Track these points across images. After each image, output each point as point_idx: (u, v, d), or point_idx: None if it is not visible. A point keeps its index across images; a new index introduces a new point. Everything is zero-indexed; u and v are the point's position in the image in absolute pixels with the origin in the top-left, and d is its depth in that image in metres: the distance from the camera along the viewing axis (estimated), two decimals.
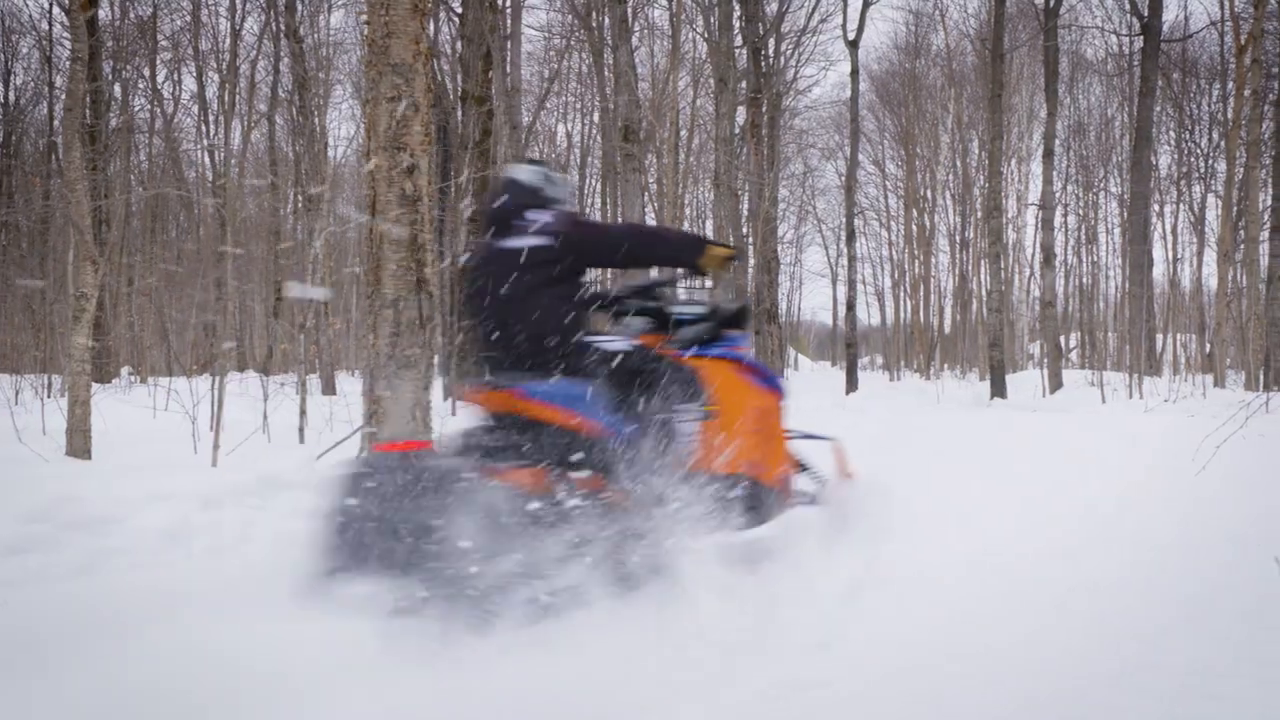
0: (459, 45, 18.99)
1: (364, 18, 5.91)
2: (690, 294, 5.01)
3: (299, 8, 22.48)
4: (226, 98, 25.59)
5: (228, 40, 25.54)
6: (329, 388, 18.19)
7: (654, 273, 5.70)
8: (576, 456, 4.02)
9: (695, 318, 4.79)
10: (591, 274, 5.05)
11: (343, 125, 66.22)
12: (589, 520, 3.81)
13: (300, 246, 19.31)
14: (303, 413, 8.91)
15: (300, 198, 23.15)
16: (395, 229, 5.79)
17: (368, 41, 5.73)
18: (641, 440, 4.13)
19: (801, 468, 5.16)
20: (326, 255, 19.57)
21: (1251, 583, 4.09)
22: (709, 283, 3.74)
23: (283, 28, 22.37)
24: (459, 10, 18.63)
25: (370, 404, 6.47)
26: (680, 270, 4.73)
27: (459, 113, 15.87)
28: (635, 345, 4.36)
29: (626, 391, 4.27)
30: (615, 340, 4.35)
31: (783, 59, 31.23)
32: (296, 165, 23.49)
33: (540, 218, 4.38)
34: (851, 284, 23.67)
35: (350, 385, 15.25)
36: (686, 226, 33.80)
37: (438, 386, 14.82)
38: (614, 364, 4.21)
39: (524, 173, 4.69)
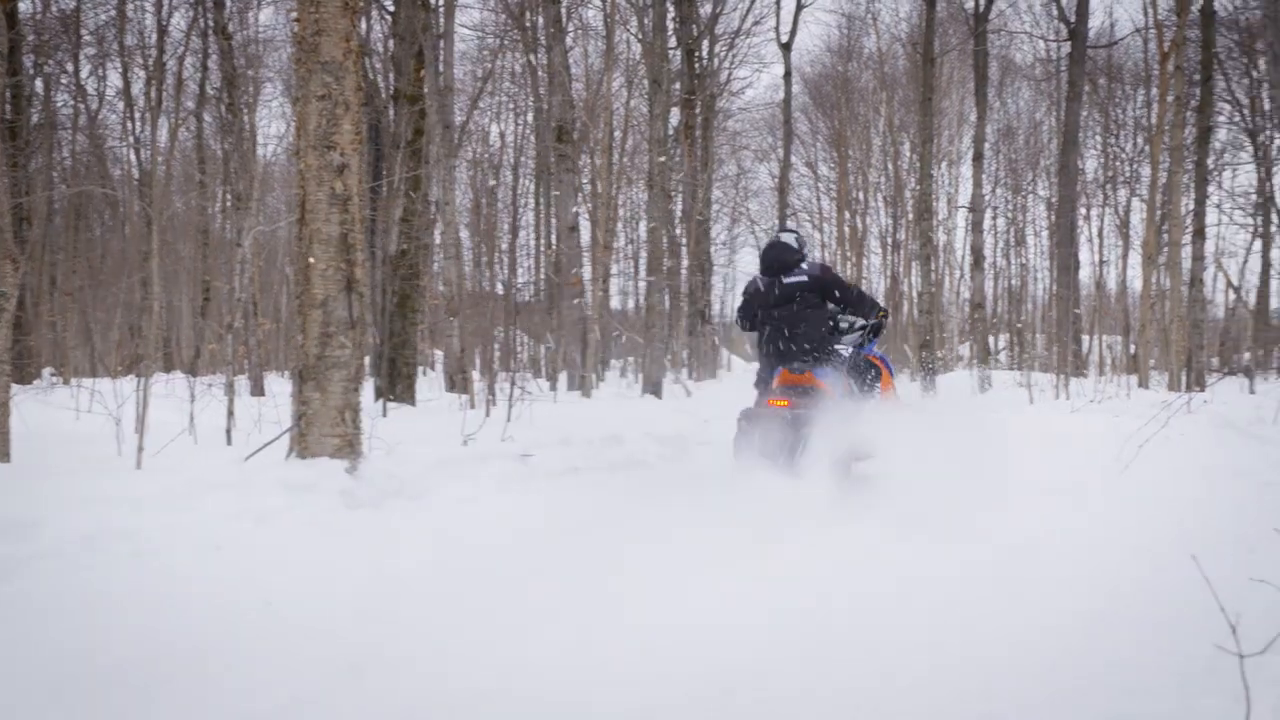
0: (391, 43, 18.83)
1: (294, 15, 5.84)
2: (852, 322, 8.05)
3: (228, 4, 22.16)
4: (153, 94, 25.12)
5: (154, 36, 25.08)
6: (258, 389, 17.92)
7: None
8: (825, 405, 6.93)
9: (862, 331, 7.91)
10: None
11: (273, 123, 65.45)
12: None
13: (229, 245, 19.03)
14: (230, 414, 8.77)
15: (229, 196, 22.83)
16: (325, 228, 5.74)
17: (297, 39, 5.66)
18: (860, 389, 7.64)
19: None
20: (255, 255, 19.32)
21: (1166, 578, 4.16)
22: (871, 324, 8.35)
23: (211, 24, 22.05)
24: (391, 8, 18.47)
25: (298, 405, 6.40)
26: (860, 315, 7.90)
27: (391, 112, 15.72)
28: (851, 350, 7.69)
29: (852, 370, 7.64)
30: (843, 347, 7.68)
31: (717, 61, 31.36)
32: (225, 163, 23.13)
33: (806, 265, 7.60)
34: None
35: (280, 386, 15.04)
36: (620, 228, 34.08)
37: (369, 388, 14.68)
38: (845, 359, 7.60)
39: (790, 237, 7.89)
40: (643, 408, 14.50)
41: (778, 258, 7.64)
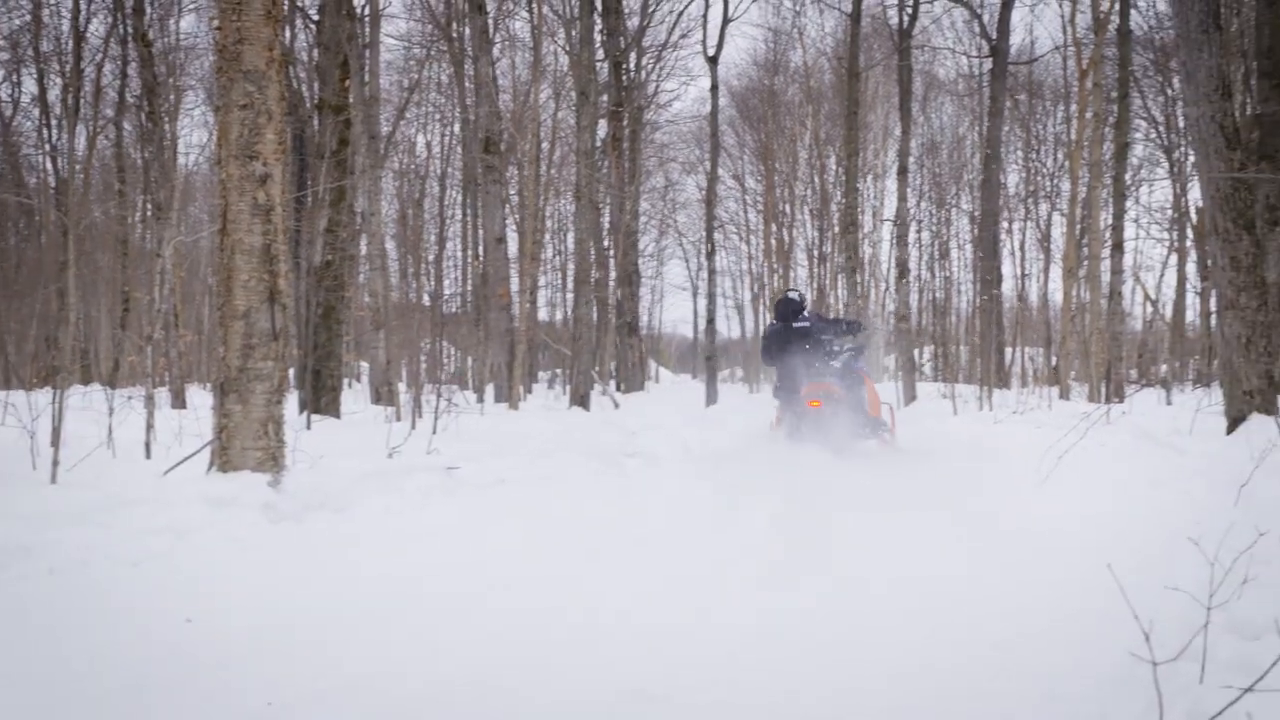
0: (315, 53, 18.68)
1: (215, 22, 5.76)
2: (844, 343, 11.38)
3: (148, 10, 21.82)
4: (70, 101, 24.65)
5: (71, 42, 24.62)
6: (179, 401, 17.64)
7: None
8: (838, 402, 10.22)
9: (849, 350, 11.21)
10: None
11: (195, 132, 64.56)
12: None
13: (149, 256, 18.72)
14: (150, 427, 8.61)
15: (149, 206, 22.45)
16: (247, 239, 5.67)
17: (219, 47, 5.59)
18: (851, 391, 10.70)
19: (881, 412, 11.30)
20: (177, 265, 19.02)
21: (1084, 587, 4.23)
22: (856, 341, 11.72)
23: (130, 30, 21.69)
24: (315, 17, 18.32)
25: (220, 418, 6.30)
26: (850, 335, 11.38)
27: (315, 122, 15.59)
28: (844, 363, 10.92)
29: (846, 377, 10.76)
30: (836, 362, 10.89)
31: (644, 73, 31.50)
32: (145, 172, 22.75)
33: (807, 314, 10.95)
34: (712, 297, 23.83)
35: (202, 399, 14.82)
36: (548, 239, 34.14)
37: (293, 400, 14.50)
38: (841, 370, 10.84)
39: (794, 294, 11.30)
40: (570, 420, 14.48)
41: (788, 309, 11.17)
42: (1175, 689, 2.82)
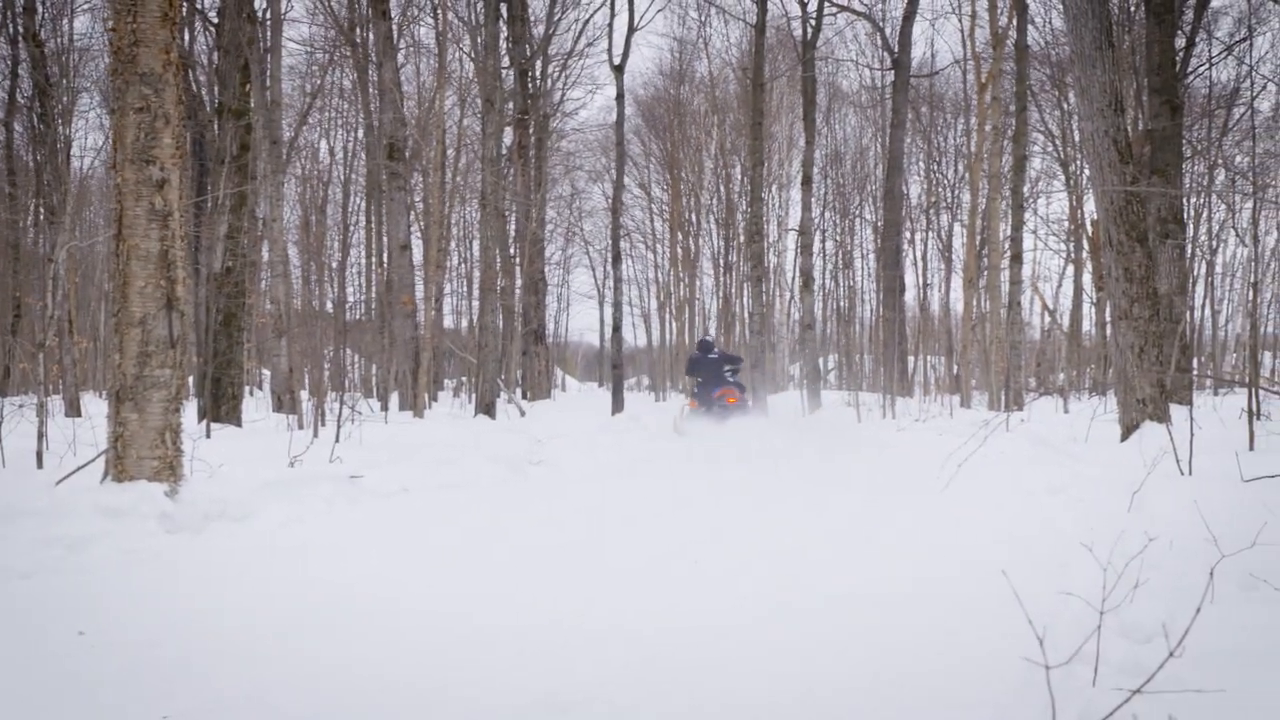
0: (216, 56, 18.37)
1: (110, 24, 5.66)
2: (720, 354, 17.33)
3: (39, 9, 21.28)
4: None
5: None
6: (73, 409, 17.23)
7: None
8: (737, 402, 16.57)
9: (730, 370, 17.07)
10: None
11: (90, 135, 62.91)
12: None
13: (41, 261, 18.25)
14: (42, 436, 8.40)
15: (41, 209, 21.89)
16: (144, 244, 5.58)
17: (114, 49, 5.49)
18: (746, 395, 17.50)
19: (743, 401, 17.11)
20: (71, 271, 18.57)
21: (981, 593, 4.33)
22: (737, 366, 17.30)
23: (21, 30, 21.12)
24: (215, 20, 18.03)
25: (115, 427, 6.18)
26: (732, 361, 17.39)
27: (216, 126, 15.32)
28: (734, 379, 17.10)
29: (735, 385, 17.03)
30: (730, 378, 17.07)
31: (550, 81, 31.48)
32: (37, 175, 22.17)
33: (717, 350, 17.35)
34: (618, 305, 23.91)
35: (98, 407, 14.48)
36: (453, 246, 34.00)
37: (191, 409, 14.23)
38: (733, 381, 17.07)
39: (710, 338, 17.75)
40: (476, 428, 14.41)
41: (705, 347, 17.34)
42: (1069, 691, 2.90)
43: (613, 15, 26.48)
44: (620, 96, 24.40)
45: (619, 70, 24.44)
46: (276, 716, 3.18)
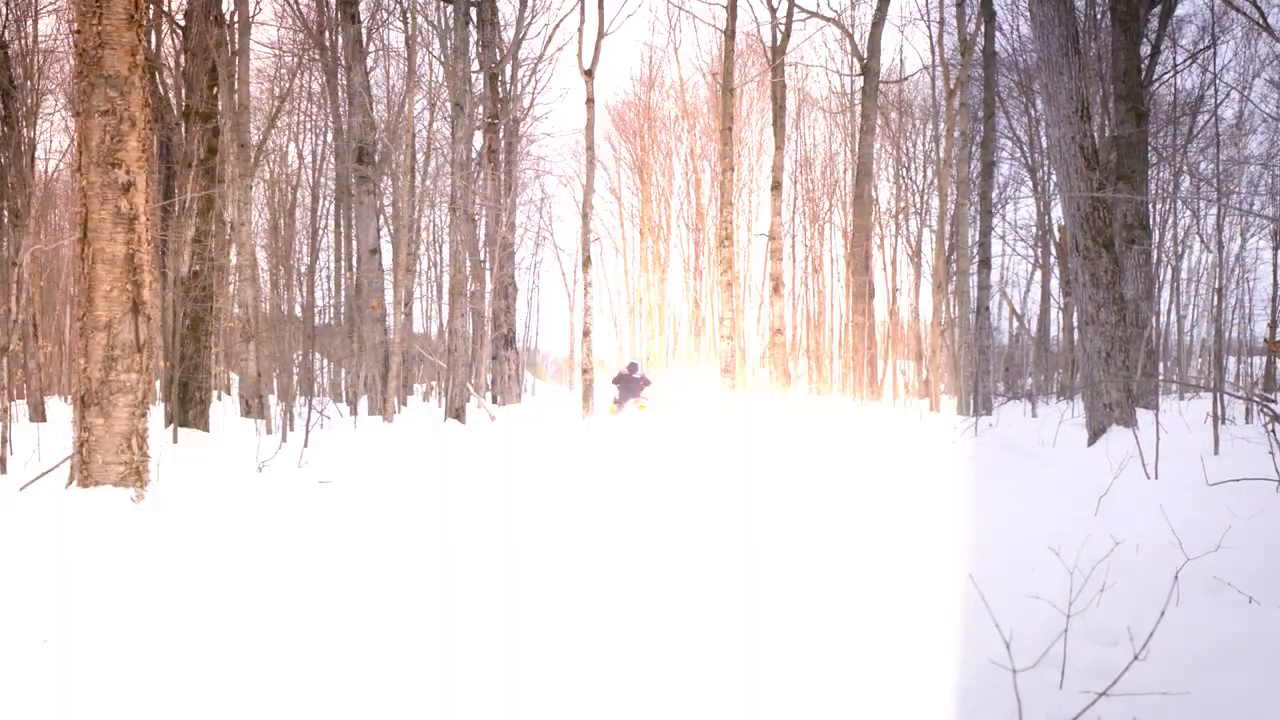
0: (183, 59, 18.24)
1: (75, 26, 5.61)
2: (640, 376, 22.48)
3: (3, 11, 21.08)
4: None
5: None
6: (38, 414, 17.07)
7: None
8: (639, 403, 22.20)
9: (645, 386, 22.82)
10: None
11: (55, 137, 62.35)
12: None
13: (5, 264, 18.08)
14: (5, 441, 8.33)
15: (5, 213, 21.67)
16: (109, 247, 5.54)
17: (79, 51, 5.45)
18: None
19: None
20: (35, 274, 18.39)
21: (950, 597, 4.35)
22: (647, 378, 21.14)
23: None
24: (182, 23, 17.91)
25: (81, 432, 6.12)
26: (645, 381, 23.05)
27: (183, 129, 15.22)
28: (644, 391, 22.88)
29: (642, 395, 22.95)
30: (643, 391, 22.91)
31: (520, 86, 31.43)
32: (1, 178, 21.96)
33: (640, 371, 22.94)
34: (588, 310, 23.92)
35: (63, 411, 14.36)
36: (423, 251, 33.95)
37: (158, 414, 14.13)
38: (645, 392, 22.83)
39: (635, 361, 23.27)
40: (445, 433, 14.37)
41: (631, 369, 22.16)
42: (1035, 694, 2.92)
43: (583, 20, 26.47)
44: (590, 101, 24.37)
45: (589, 75, 24.42)
46: None
